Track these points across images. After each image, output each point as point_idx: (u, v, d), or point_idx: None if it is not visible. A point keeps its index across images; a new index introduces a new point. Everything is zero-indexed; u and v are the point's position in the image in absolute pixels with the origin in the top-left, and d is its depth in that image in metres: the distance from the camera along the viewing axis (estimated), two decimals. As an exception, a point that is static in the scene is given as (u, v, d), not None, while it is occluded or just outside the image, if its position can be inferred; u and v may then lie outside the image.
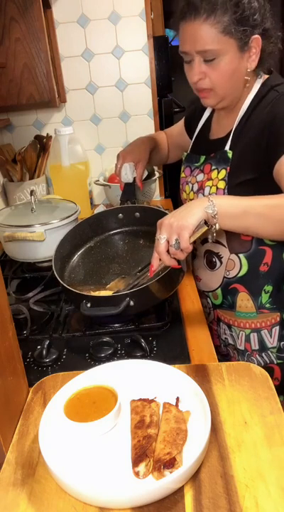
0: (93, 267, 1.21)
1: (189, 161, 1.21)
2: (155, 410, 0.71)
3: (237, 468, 0.62)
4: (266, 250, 1.10)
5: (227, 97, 1.04)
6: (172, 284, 1.03)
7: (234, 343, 1.21)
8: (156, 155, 1.41)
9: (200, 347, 0.94)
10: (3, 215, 1.40)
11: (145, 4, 1.77)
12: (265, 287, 1.12)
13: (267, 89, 1.04)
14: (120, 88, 1.90)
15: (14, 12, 1.37)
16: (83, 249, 1.24)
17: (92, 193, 1.96)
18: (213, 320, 1.25)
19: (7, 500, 0.62)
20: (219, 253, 1.15)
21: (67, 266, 1.20)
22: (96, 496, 0.59)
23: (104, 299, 1.00)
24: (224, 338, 1.24)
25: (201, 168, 1.14)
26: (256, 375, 0.80)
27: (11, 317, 0.76)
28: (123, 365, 0.82)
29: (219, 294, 1.19)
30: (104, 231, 1.26)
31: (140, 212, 1.23)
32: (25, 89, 1.46)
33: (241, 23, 0.94)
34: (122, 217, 1.25)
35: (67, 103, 1.91)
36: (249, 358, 1.19)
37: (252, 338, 1.16)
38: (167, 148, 1.47)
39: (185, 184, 1.20)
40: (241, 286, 1.14)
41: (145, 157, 1.34)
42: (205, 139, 1.21)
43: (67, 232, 1.20)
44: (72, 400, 0.73)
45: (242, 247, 1.11)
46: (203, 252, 1.19)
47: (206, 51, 0.96)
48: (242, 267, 1.12)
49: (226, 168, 1.05)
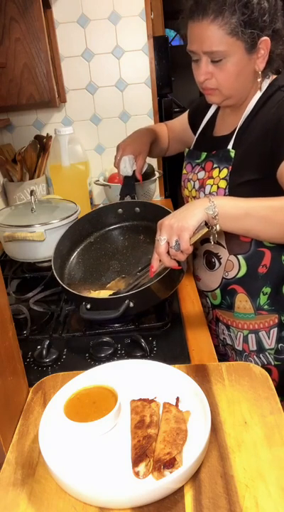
0: (93, 264, 1.20)
1: (191, 157, 1.20)
2: (155, 410, 0.71)
3: (237, 468, 0.62)
4: (265, 252, 1.10)
5: (232, 97, 1.04)
6: (172, 283, 1.03)
7: (232, 343, 1.21)
8: (156, 147, 1.38)
9: (200, 347, 0.94)
10: (3, 215, 1.40)
11: (145, 4, 1.77)
12: (264, 289, 1.12)
13: (274, 90, 1.03)
14: (120, 88, 1.90)
15: (14, 12, 1.37)
16: (83, 245, 1.23)
17: (92, 193, 1.96)
18: (212, 320, 1.26)
19: (7, 500, 0.62)
20: (218, 254, 1.15)
21: (67, 264, 1.19)
22: (96, 496, 0.59)
23: (104, 301, 1.00)
24: (222, 338, 1.24)
25: (203, 165, 1.14)
26: (256, 375, 0.80)
27: (11, 317, 0.76)
28: (123, 365, 0.82)
29: (218, 295, 1.19)
30: (103, 226, 1.24)
31: (140, 207, 1.21)
32: (25, 89, 1.46)
33: (249, 25, 0.93)
34: (122, 212, 1.23)
35: (67, 103, 1.91)
36: (247, 359, 1.18)
37: (250, 339, 1.16)
38: (168, 141, 1.45)
39: (187, 181, 1.20)
40: (239, 287, 1.14)
41: (145, 149, 1.31)
42: (209, 136, 1.20)
43: (67, 229, 1.19)
44: (72, 400, 0.73)
45: (241, 249, 1.11)
46: (202, 252, 1.19)
47: (213, 52, 0.95)
48: (241, 268, 1.12)
49: (228, 168, 1.05)
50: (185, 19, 0.99)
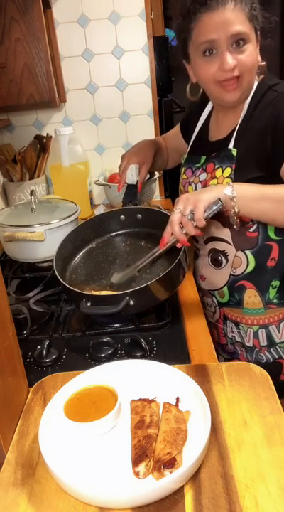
0: (94, 268, 1.21)
1: (190, 162, 1.21)
2: (155, 410, 0.71)
3: (237, 468, 0.62)
4: (273, 245, 1.10)
5: (245, 91, 1.04)
6: (173, 284, 1.03)
7: (242, 340, 1.21)
8: (159, 158, 1.43)
9: (200, 347, 0.94)
10: (3, 215, 1.40)
11: (145, 4, 1.77)
12: (273, 282, 1.12)
13: (265, 89, 1.05)
14: (120, 88, 1.90)
15: (14, 12, 1.37)
16: (85, 250, 1.24)
17: (92, 193, 1.96)
18: (219, 318, 1.25)
19: (7, 500, 0.62)
20: (224, 251, 1.15)
21: (69, 266, 1.20)
22: (96, 496, 0.59)
23: (104, 298, 1.00)
24: (230, 336, 1.24)
25: (204, 167, 1.14)
26: (256, 375, 0.80)
27: (11, 317, 0.76)
28: (123, 365, 0.82)
29: (226, 292, 1.19)
30: (105, 232, 1.26)
31: (142, 214, 1.23)
32: (25, 89, 1.46)
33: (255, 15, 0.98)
34: (124, 218, 1.25)
35: (67, 103, 1.91)
36: (258, 355, 1.19)
37: (260, 335, 1.17)
38: (167, 152, 1.48)
39: (188, 185, 1.20)
40: (248, 283, 1.14)
41: (149, 160, 1.35)
42: (205, 141, 1.21)
43: (69, 233, 1.20)
44: (72, 400, 0.73)
45: (248, 244, 1.11)
46: (208, 251, 1.19)
47: (240, 33, 0.95)
48: (249, 263, 1.12)
49: (232, 166, 1.05)
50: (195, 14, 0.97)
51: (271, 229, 1.09)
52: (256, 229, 1.09)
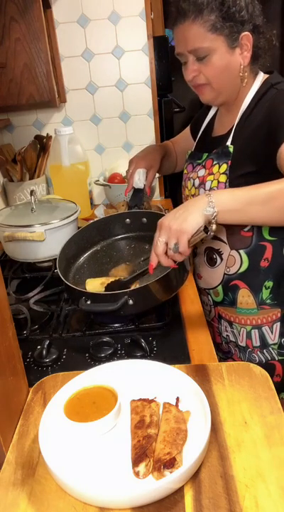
0: (98, 269, 1.22)
1: (192, 158, 1.23)
2: (155, 410, 0.71)
3: (237, 468, 0.62)
4: (266, 246, 1.10)
5: (223, 92, 1.07)
6: (174, 285, 1.03)
7: (235, 340, 1.21)
8: (166, 162, 1.43)
9: (200, 347, 0.94)
10: (3, 215, 1.40)
11: (145, 4, 1.77)
12: (266, 283, 1.12)
13: (267, 88, 1.06)
14: (120, 88, 1.90)
15: (14, 12, 1.37)
16: (89, 252, 1.25)
17: (92, 193, 1.96)
18: (214, 317, 1.26)
19: (7, 500, 0.62)
20: (219, 250, 1.15)
21: (73, 267, 1.21)
22: (96, 495, 0.59)
23: (103, 297, 1.00)
24: (225, 336, 1.24)
25: (203, 164, 1.16)
26: (256, 375, 0.80)
27: (11, 317, 0.76)
28: (123, 365, 0.82)
29: (220, 291, 1.19)
30: (110, 235, 1.27)
31: (148, 218, 1.24)
32: (25, 89, 1.46)
33: (227, 20, 0.98)
34: (129, 222, 1.26)
35: (67, 103, 1.91)
36: (250, 355, 1.19)
37: (253, 335, 1.17)
38: (175, 156, 1.49)
39: (187, 180, 1.21)
40: (241, 283, 1.15)
41: (156, 164, 1.36)
42: (208, 137, 1.23)
43: (74, 234, 1.22)
44: (72, 400, 0.73)
45: (242, 243, 1.11)
46: (203, 249, 1.20)
47: (197, 49, 1.01)
48: (242, 263, 1.12)
49: (228, 162, 1.07)
50: (171, 26, 1.05)
51: (265, 229, 1.09)
52: (251, 229, 1.09)
